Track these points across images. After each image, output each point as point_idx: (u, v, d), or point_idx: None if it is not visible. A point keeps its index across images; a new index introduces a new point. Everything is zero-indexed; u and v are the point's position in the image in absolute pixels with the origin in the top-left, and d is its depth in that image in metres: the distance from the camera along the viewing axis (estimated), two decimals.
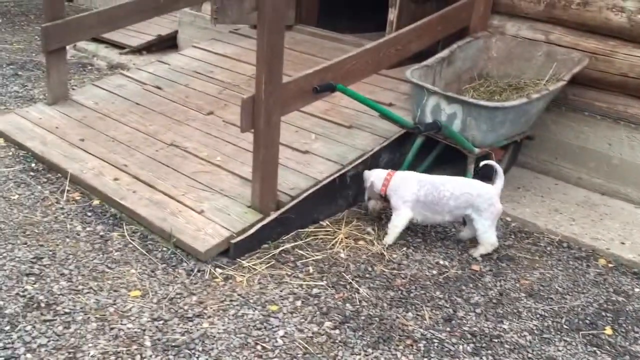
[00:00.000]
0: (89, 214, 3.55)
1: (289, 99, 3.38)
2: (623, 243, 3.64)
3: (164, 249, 3.25)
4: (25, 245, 3.18)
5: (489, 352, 2.70)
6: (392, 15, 4.50)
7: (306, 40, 5.60)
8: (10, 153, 4.17)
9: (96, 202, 3.66)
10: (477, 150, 3.62)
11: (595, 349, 2.78)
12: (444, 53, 4.10)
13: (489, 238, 3.37)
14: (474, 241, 3.51)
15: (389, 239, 3.46)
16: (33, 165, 4.04)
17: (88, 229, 3.40)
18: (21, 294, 2.80)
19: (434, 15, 4.22)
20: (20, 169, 3.98)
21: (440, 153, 4.11)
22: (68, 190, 3.75)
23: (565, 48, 4.13)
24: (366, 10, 6.86)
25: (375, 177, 3.51)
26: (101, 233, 3.37)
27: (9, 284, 2.86)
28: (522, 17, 4.39)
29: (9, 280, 2.88)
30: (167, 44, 6.88)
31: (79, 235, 3.33)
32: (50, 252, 3.15)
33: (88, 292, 2.86)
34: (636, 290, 3.25)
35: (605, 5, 3.98)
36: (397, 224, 3.45)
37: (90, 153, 4.01)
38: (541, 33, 4.29)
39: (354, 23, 6.26)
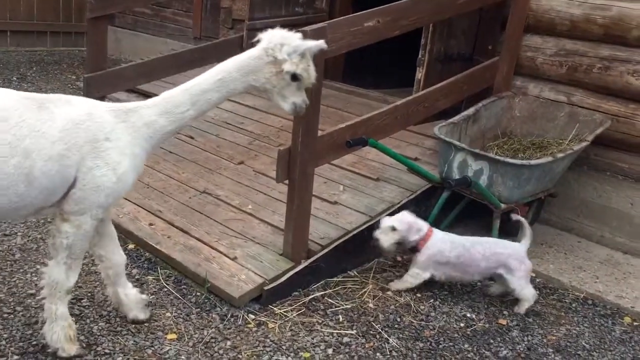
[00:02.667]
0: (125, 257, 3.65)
1: (323, 152, 3.52)
2: None
3: (198, 293, 3.33)
4: None
5: None
6: (420, 74, 4.68)
7: (332, 94, 5.80)
8: None
9: (131, 246, 3.77)
10: (503, 205, 3.72)
11: None
12: (470, 111, 4.26)
13: (528, 293, 3.45)
14: (502, 294, 3.57)
15: (399, 286, 3.54)
16: None
17: (125, 272, 3.49)
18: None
19: (460, 75, 4.40)
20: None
21: (465, 207, 4.21)
22: None
23: (588, 110, 4.27)
24: (388, 67, 7.10)
25: (410, 226, 3.49)
26: (137, 276, 3.47)
27: (35, 327, 2.94)
28: (544, 79, 4.56)
29: (35, 325, 2.97)
30: None
31: None
32: (89, 294, 3.24)
33: (126, 334, 2.94)
34: None
35: (626, 70, 4.14)
36: (412, 282, 3.53)
37: (125, 198, 4.14)
38: (563, 95, 4.45)
39: (377, 79, 6.49)
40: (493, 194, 3.72)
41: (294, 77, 2.69)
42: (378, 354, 3.00)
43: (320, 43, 2.74)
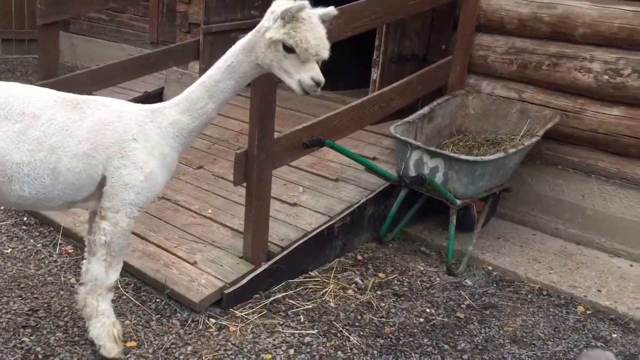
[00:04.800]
0: (82, 266, 3.60)
1: (280, 154, 3.54)
2: (599, 291, 3.79)
3: (158, 299, 3.31)
4: (20, 298, 3.22)
5: None
6: (375, 74, 4.74)
7: (290, 97, 5.77)
8: (2, 208, 4.23)
9: None
10: (458, 201, 3.79)
11: None
12: (425, 110, 4.33)
13: None
14: (459, 287, 3.65)
15: None
16: (25, 219, 4.10)
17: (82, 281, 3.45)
18: (18, 345, 2.84)
19: (414, 74, 4.47)
20: (13, 223, 4.04)
21: (423, 205, 4.28)
22: (61, 244, 3.81)
23: (538, 106, 4.39)
24: (345, 69, 7.15)
25: None
26: None
27: (6, 336, 2.90)
28: (496, 77, 4.66)
29: (5, 333, 2.92)
30: (154, 100, 7.04)
31: (73, 287, 3.38)
32: (46, 305, 3.19)
33: (84, 344, 2.91)
34: (614, 335, 3.39)
35: (573, 67, 4.27)
36: None
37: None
38: (515, 92, 4.56)
39: (335, 81, 6.50)
40: (449, 190, 3.79)
41: (288, 49, 2.54)
42: (339, 352, 3.04)
43: (304, 3, 2.53)
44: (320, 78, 2.59)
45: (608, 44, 4.12)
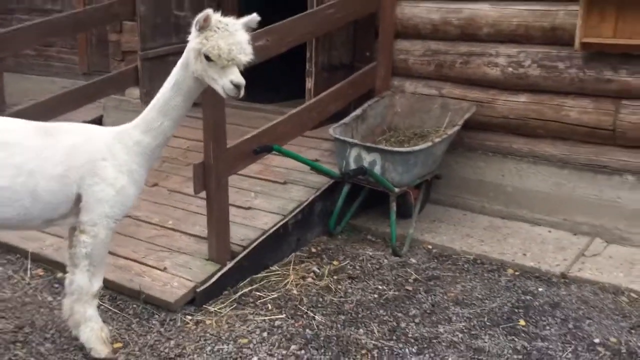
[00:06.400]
0: (56, 285, 3.83)
1: (233, 162, 3.90)
2: (525, 254, 4.32)
3: (135, 305, 3.58)
4: (3, 319, 3.42)
5: (430, 350, 3.23)
6: (310, 83, 5.16)
7: (232, 113, 6.02)
8: None
9: (60, 274, 3.92)
10: (396, 189, 4.25)
11: (513, 337, 3.38)
12: (358, 112, 4.78)
13: None
14: (405, 265, 4.10)
15: None
16: None
17: (58, 298, 3.66)
18: (13, 358, 3.06)
19: (344, 81, 4.92)
20: None
21: (365, 198, 4.72)
22: (31, 268, 4.00)
23: (456, 99, 4.92)
24: (279, 82, 7.56)
25: None
26: None
27: None
28: (417, 77, 5.18)
29: None
30: None
31: (51, 304, 3.60)
32: (29, 322, 3.41)
33: (74, 350, 3.16)
34: (539, 289, 3.91)
35: (482, 62, 4.83)
36: None
37: (45, 232, 4.27)
38: (435, 89, 5.09)
39: (270, 94, 6.91)
40: (387, 180, 4.24)
41: (207, 56, 2.73)
42: (307, 330, 3.41)
43: (207, 11, 2.69)
44: (239, 81, 2.76)
45: (509, 40, 4.70)
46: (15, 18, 9.36)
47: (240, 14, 6.62)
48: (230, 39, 2.74)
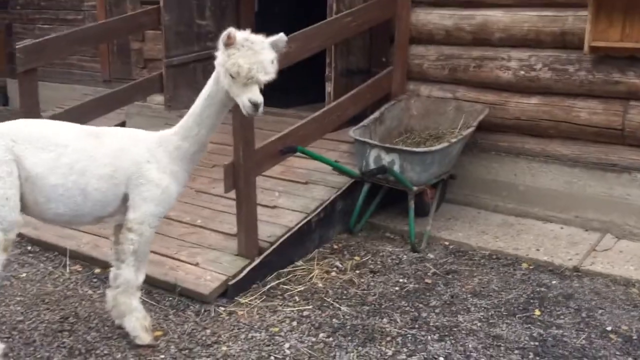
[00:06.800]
0: (94, 280, 4.05)
1: (261, 162, 4.12)
2: (538, 250, 4.51)
3: (170, 298, 3.80)
4: (48, 311, 3.65)
5: (451, 337, 3.43)
6: (329, 87, 5.38)
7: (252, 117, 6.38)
8: None
9: (97, 270, 4.16)
10: (415, 188, 4.46)
11: (529, 325, 3.56)
12: (376, 114, 5.00)
13: None
14: (424, 261, 4.30)
15: None
16: (29, 247, 4.49)
17: (98, 291, 3.90)
18: (61, 346, 3.28)
19: (363, 85, 5.14)
20: (19, 253, 4.42)
21: (383, 197, 4.92)
22: (69, 264, 4.23)
23: (470, 102, 5.13)
24: (295, 88, 7.80)
25: None
26: None
27: (48, 339, 3.33)
28: (431, 81, 5.39)
29: (46, 337, 3.35)
30: None
31: (91, 297, 3.83)
32: (73, 313, 3.63)
33: (118, 337, 3.37)
34: (553, 282, 4.10)
35: (495, 66, 5.04)
36: None
37: (81, 231, 4.51)
38: (449, 92, 5.30)
39: (288, 99, 7.14)
40: (405, 179, 4.45)
41: (230, 74, 2.83)
42: (334, 319, 3.61)
43: (230, 30, 2.78)
44: (257, 99, 2.83)
45: (521, 45, 4.90)
46: (38, 27, 9.66)
47: (257, 24, 6.91)
48: (253, 57, 2.80)
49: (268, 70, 2.87)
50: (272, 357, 3.23)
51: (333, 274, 4.17)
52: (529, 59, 4.87)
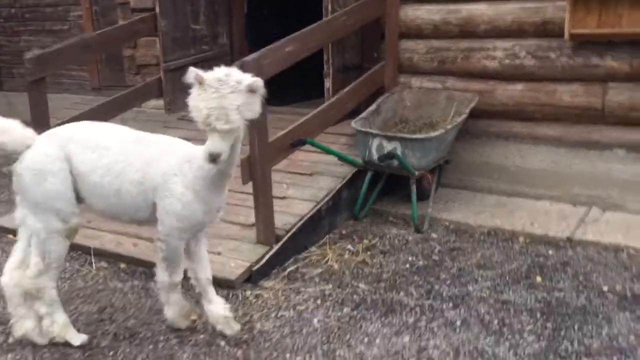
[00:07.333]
0: (122, 274, 4.27)
1: (274, 154, 4.38)
2: (532, 224, 4.84)
3: None
4: (85, 303, 3.85)
5: (464, 305, 3.74)
6: (328, 83, 5.66)
7: None
8: None
9: (123, 265, 4.37)
10: (416, 172, 4.76)
11: (533, 290, 3.89)
12: (373, 107, 5.29)
13: None
14: (428, 240, 4.61)
15: None
16: None
17: (128, 284, 4.11)
18: (105, 332, 3.50)
19: (358, 80, 5.43)
20: None
21: (384, 184, 5.22)
22: (94, 262, 4.43)
23: (460, 91, 5.45)
24: (286, 86, 8.06)
25: None
26: (140, 286, 4.09)
27: (91, 328, 3.54)
28: (422, 73, 5.70)
29: (89, 326, 3.56)
30: None
31: (123, 290, 4.04)
32: (109, 304, 3.84)
33: (157, 323, 3.60)
34: (550, 252, 4.43)
35: (481, 57, 5.37)
36: None
37: (103, 230, 4.70)
38: (439, 83, 5.62)
39: (281, 97, 7.39)
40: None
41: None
42: (354, 296, 3.89)
43: (192, 70, 2.67)
44: (213, 150, 2.66)
45: (505, 35, 5.24)
46: (23, 40, 9.73)
47: (246, 25, 7.09)
48: (214, 102, 2.60)
49: (230, 119, 2.64)
50: (304, 331, 3.50)
51: (346, 256, 4.45)
52: (513, 48, 5.22)
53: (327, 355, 3.28)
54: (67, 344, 3.36)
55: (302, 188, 4.98)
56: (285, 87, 7.80)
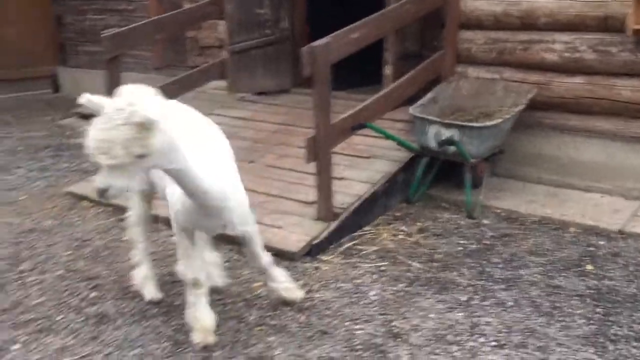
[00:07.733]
0: None
1: (336, 136, 4.59)
2: (583, 216, 4.94)
3: None
4: (155, 267, 4.14)
5: (516, 287, 3.89)
6: (389, 70, 5.82)
7: (305, 99, 6.81)
8: (101, 209, 5.11)
9: None
10: (473, 160, 4.90)
11: (584, 278, 4.01)
12: (431, 95, 5.43)
13: None
14: (480, 226, 4.76)
15: None
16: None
17: None
18: (179, 292, 3.78)
19: (417, 68, 5.57)
20: (115, 220, 4.94)
21: (438, 170, 5.37)
22: (161, 229, 4.73)
23: (517, 82, 5.54)
24: (343, 72, 8.25)
25: None
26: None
27: (167, 287, 3.83)
28: (479, 63, 5.80)
29: (162, 286, 3.85)
30: None
31: None
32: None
33: (224, 288, 3.87)
34: (600, 243, 4.53)
35: (540, 49, 5.45)
36: None
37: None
38: (496, 73, 5.71)
39: (336, 83, 7.58)
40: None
41: None
42: (408, 273, 4.09)
43: (83, 95, 2.52)
44: (98, 185, 2.44)
45: (566, 29, 5.30)
46: (88, 19, 10.14)
47: (308, 10, 7.27)
48: (102, 134, 2.37)
49: (114, 154, 2.37)
50: (361, 302, 3.72)
51: (400, 236, 4.64)
52: (573, 42, 5.27)
53: (384, 325, 3.49)
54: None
55: (359, 170, 5.18)
56: (340, 73, 8.02)
